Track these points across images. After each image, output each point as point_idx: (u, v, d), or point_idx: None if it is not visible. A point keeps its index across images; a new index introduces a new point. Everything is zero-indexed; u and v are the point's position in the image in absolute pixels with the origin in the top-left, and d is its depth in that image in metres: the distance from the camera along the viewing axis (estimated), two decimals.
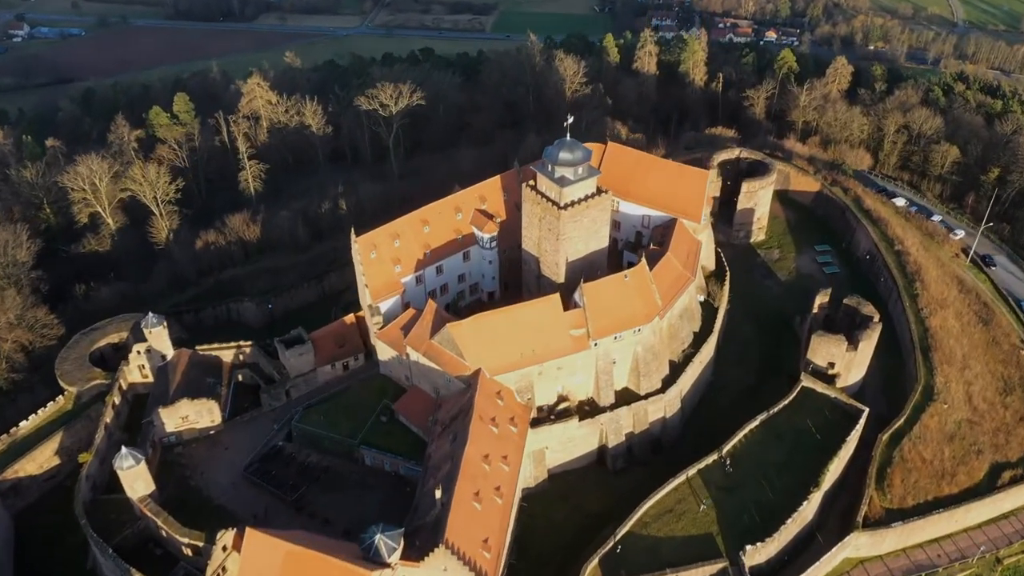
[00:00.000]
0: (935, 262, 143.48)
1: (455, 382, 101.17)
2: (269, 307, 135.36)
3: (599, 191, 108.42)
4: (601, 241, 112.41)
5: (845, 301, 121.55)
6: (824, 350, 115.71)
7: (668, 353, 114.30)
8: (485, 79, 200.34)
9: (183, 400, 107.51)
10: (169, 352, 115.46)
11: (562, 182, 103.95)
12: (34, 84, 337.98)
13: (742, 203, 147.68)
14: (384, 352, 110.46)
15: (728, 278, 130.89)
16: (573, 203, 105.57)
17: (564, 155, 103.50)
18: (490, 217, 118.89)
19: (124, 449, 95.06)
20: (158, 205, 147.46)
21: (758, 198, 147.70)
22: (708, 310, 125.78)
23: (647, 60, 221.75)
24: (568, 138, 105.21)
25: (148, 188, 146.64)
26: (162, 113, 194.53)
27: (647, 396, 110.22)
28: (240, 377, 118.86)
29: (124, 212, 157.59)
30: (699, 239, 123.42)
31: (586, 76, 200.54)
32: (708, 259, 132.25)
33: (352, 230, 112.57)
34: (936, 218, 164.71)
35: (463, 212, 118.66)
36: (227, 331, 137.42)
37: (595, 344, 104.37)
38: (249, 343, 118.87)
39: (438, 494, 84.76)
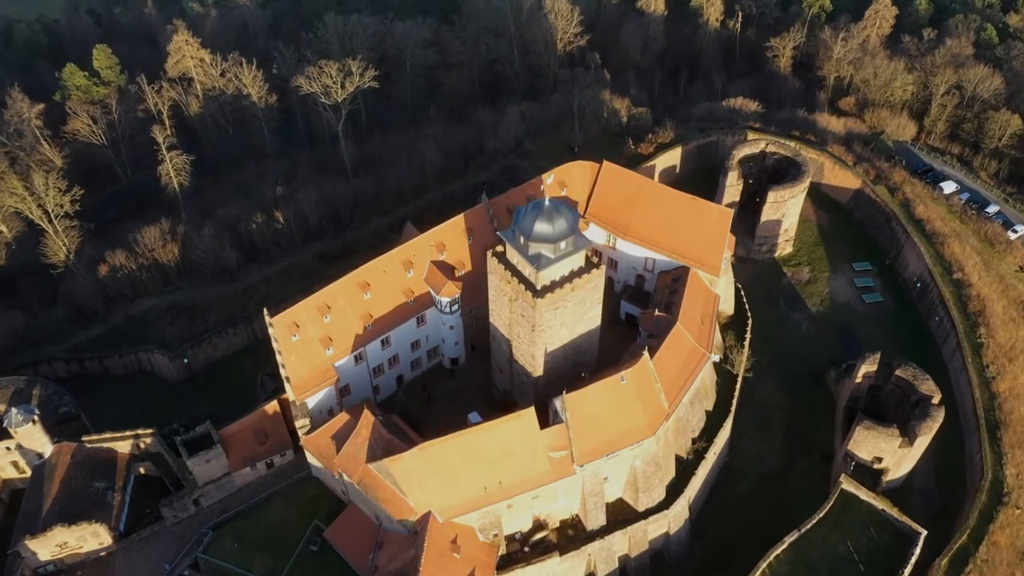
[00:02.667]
0: (998, 285, 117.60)
1: (398, 525, 77.97)
2: (184, 361, 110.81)
3: (589, 264, 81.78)
4: (591, 322, 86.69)
5: (898, 372, 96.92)
6: (871, 444, 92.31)
7: (675, 449, 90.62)
8: (459, 31, 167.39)
9: (57, 527, 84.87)
10: (46, 449, 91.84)
11: (538, 262, 77.27)
12: None
13: (767, 214, 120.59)
14: (314, 459, 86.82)
15: (750, 327, 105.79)
16: (553, 284, 79.26)
17: (542, 228, 76.24)
18: (450, 272, 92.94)
19: None
20: (51, 221, 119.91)
21: (787, 208, 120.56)
22: (724, 375, 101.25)
23: None
24: (547, 201, 77.46)
25: (34, 201, 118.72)
26: (78, 72, 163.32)
27: (647, 514, 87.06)
28: (142, 470, 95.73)
29: (23, 217, 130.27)
30: (716, 292, 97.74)
31: (581, 24, 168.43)
32: (727, 303, 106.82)
33: (265, 311, 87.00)
34: (992, 209, 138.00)
35: (415, 267, 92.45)
36: (137, 383, 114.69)
37: (581, 467, 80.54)
38: (150, 431, 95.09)
39: None
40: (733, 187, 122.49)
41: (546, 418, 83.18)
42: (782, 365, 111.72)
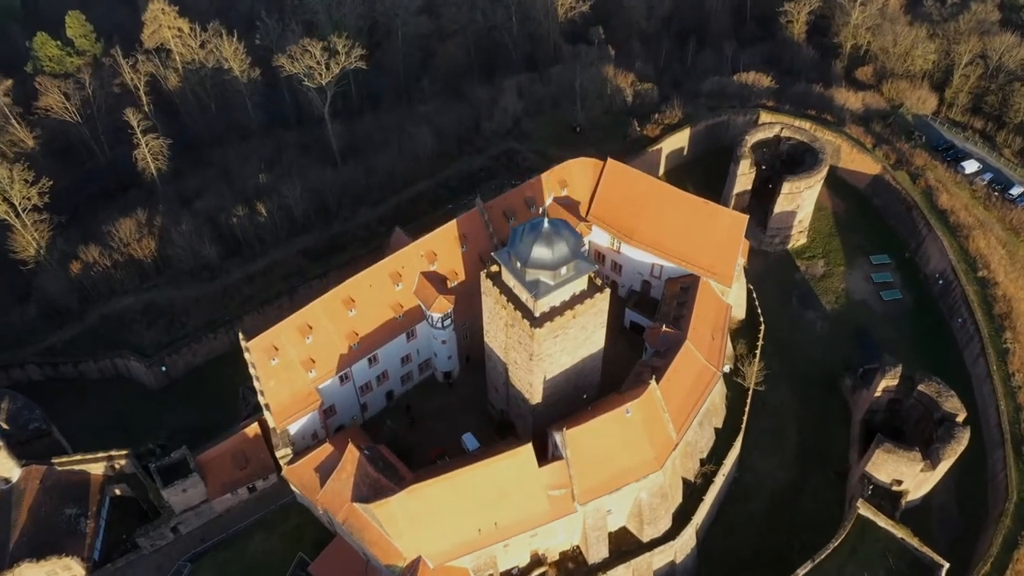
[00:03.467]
0: None
1: (386, 570, 72.78)
2: (163, 369, 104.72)
3: (593, 287, 74.93)
4: (594, 346, 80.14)
5: (921, 388, 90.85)
6: (891, 467, 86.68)
7: (682, 474, 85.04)
8: None
9: (25, 563, 79.82)
10: (12, 474, 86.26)
11: (536, 289, 70.42)
12: None
13: (781, 205, 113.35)
14: (297, 489, 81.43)
15: (762, 334, 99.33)
16: (553, 311, 72.54)
17: (540, 253, 69.14)
18: (442, 285, 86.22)
19: None
20: (18, 215, 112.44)
21: (802, 198, 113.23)
22: (734, 387, 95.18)
23: None
24: (546, 223, 70.21)
25: None
26: (50, 42, 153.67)
27: (652, 546, 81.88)
28: (117, 492, 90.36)
29: None
30: (728, 303, 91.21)
31: None
32: (738, 308, 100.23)
33: (240, 334, 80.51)
34: (1016, 190, 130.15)
35: (404, 279, 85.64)
36: (114, 389, 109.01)
37: (583, 505, 75.03)
38: (124, 453, 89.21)
39: None
40: (745, 175, 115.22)
41: (545, 446, 77.79)
42: (795, 369, 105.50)
